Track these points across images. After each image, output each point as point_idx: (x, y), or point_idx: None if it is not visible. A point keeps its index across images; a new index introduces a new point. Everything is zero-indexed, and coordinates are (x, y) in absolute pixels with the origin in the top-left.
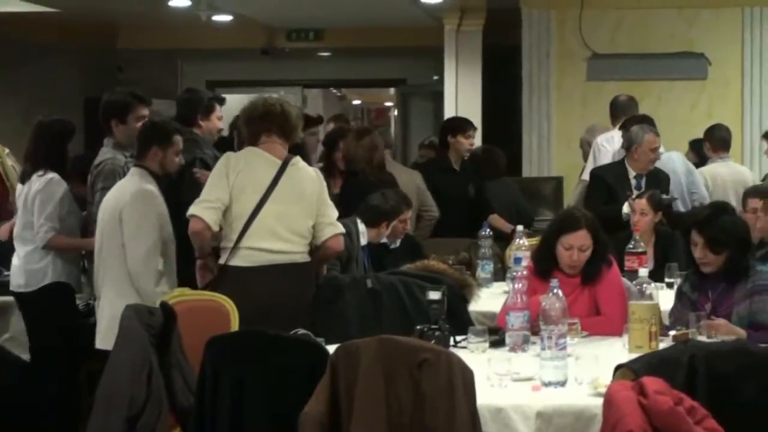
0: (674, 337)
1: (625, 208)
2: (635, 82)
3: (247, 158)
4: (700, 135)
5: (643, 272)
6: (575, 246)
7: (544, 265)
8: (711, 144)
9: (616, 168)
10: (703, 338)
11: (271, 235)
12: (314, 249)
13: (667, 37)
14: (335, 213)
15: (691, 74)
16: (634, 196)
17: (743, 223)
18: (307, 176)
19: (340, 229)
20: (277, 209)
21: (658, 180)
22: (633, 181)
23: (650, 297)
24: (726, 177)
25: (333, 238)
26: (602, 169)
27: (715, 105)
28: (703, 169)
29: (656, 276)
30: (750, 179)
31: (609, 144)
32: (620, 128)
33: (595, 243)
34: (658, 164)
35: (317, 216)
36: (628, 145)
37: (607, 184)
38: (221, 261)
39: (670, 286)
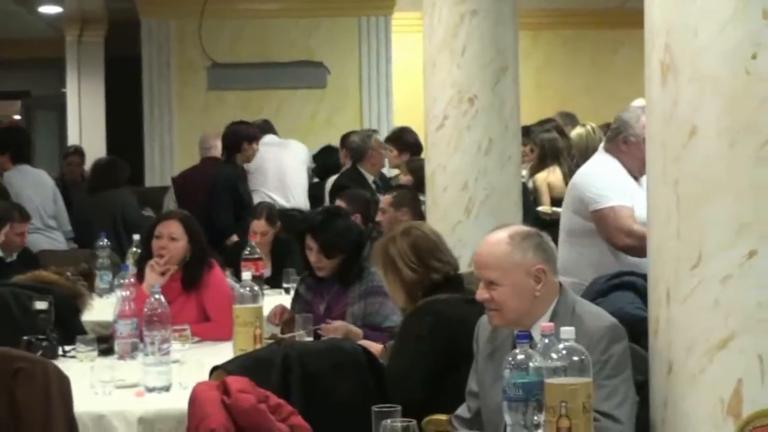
0: (281, 339)
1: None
2: (256, 90)
3: None
4: (321, 143)
5: (247, 275)
6: (164, 234)
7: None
8: (347, 151)
9: (355, 176)
10: (309, 339)
11: None
12: None
13: (287, 46)
14: None
15: (311, 83)
16: None
17: (356, 227)
18: None
19: None
20: None
21: (388, 180)
22: (373, 186)
23: (254, 300)
24: None
25: None
26: (345, 178)
27: (334, 113)
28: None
29: (274, 282)
30: None
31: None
32: None
33: (192, 244)
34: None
35: None
36: (359, 155)
37: None
38: None
39: (287, 291)
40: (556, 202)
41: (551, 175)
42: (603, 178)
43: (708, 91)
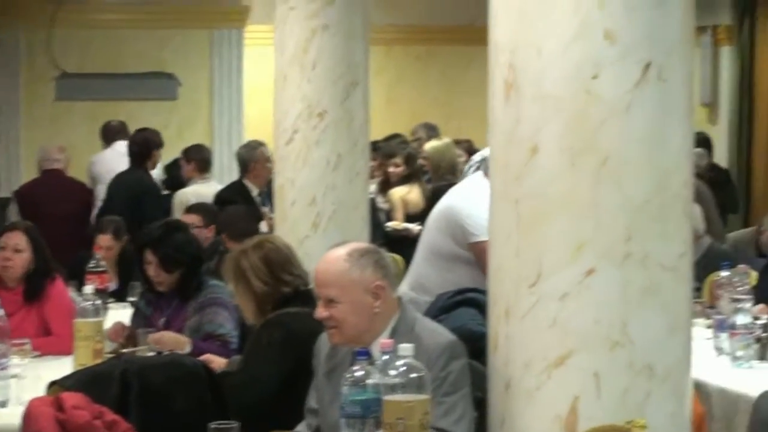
0: (120, 354)
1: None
2: (105, 101)
3: None
4: (172, 156)
5: (89, 288)
6: (9, 245)
7: None
8: (196, 164)
9: (240, 189)
10: (151, 354)
11: None
12: None
13: (138, 58)
14: None
15: (162, 95)
16: (270, 215)
17: (195, 240)
18: None
19: None
20: None
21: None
22: (258, 199)
23: (96, 314)
24: (209, 197)
25: None
26: (229, 191)
27: (185, 126)
28: (186, 190)
29: (121, 295)
30: None
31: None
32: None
33: (36, 256)
34: None
35: None
36: (244, 167)
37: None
38: None
39: (133, 305)
40: (411, 218)
41: (411, 191)
42: (485, 209)
43: (550, 110)
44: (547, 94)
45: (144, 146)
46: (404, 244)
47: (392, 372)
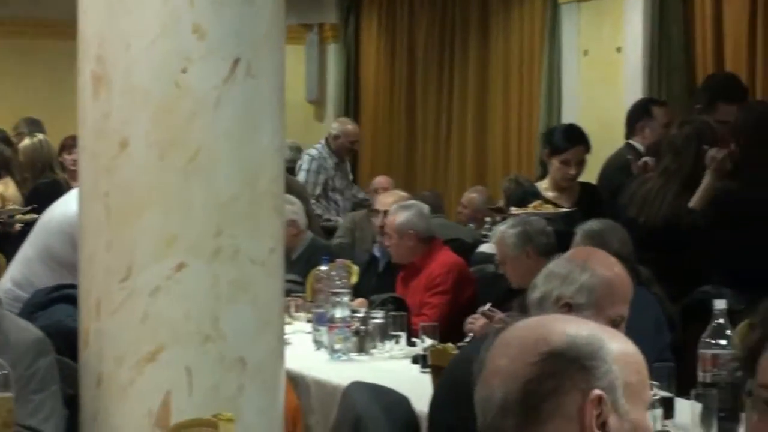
0: None
1: None
2: None
3: None
4: None
5: None
6: None
7: None
8: None
9: None
10: None
11: None
12: None
13: None
14: None
15: None
16: None
17: None
18: None
19: None
20: None
21: None
22: None
23: None
24: None
25: None
26: None
27: None
28: None
29: None
30: None
31: None
32: None
33: None
34: None
35: None
36: None
37: None
38: None
39: None
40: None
41: (6, 188)
42: None
43: (139, 103)
44: (135, 88)
45: None
46: (5, 240)
47: None
